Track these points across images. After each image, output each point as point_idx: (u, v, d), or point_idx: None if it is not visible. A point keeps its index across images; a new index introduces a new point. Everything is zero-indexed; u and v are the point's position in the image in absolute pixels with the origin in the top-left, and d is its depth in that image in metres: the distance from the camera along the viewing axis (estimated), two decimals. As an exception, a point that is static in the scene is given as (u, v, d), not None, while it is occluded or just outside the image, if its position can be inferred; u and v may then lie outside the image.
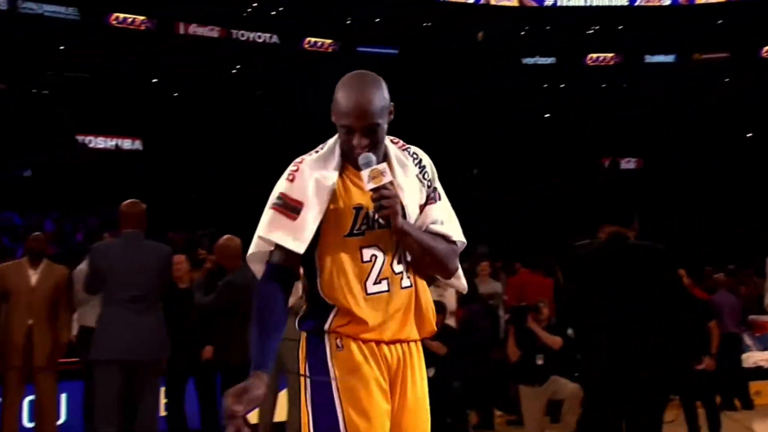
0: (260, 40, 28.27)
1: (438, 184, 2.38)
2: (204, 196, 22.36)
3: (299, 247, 2.18)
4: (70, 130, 24.77)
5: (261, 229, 2.22)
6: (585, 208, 16.12)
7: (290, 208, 2.19)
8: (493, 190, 24.74)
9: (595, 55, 30.81)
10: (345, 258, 2.21)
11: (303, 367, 2.27)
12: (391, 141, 2.34)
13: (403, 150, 2.34)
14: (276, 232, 2.19)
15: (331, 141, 2.31)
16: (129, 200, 5.14)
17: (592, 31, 30.75)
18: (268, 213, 2.22)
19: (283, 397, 6.90)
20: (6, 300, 5.85)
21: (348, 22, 28.76)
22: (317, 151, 2.30)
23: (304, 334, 2.29)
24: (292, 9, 27.26)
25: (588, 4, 29.56)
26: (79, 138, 25.35)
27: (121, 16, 26.16)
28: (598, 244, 4.59)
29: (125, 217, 5.06)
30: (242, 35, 28.16)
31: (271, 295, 2.21)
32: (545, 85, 30.59)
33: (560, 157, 26.67)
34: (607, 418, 4.36)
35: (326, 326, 2.22)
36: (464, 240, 2.37)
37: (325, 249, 2.22)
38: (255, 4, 28.04)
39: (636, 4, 29.37)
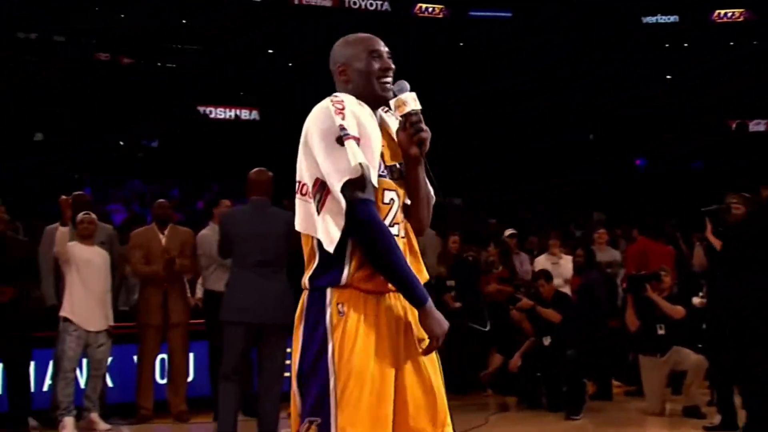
0: (372, 8, 28.30)
1: None
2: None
3: (374, 174, 2.20)
4: (192, 102, 25.70)
5: (351, 159, 2.13)
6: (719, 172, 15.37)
7: (353, 137, 2.17)
8: (611, 155, 23.95)
9: (722, 12, 29.04)
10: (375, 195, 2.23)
11: (299, 323, 2.22)
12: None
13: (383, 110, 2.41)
14: (360, 156, 2.15)
15: (341, 94, 2.31)
16: (257, 168, 5.19)
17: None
18: (346, 144, 2.15)
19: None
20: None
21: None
22: (333, 101, 2.27)
23: (306, 292, 2.24)
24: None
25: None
26: (201, 109, 26.27)
27: (239, -12, 26.72)
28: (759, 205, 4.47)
29: (253, 185, 5.14)
30: (354, 3, 28.25)
31: (382, 223, 2.20)
32: (667, 45, 29.14)
33: (685, 119, 25.43)
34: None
35: (343, 279, 2.17)
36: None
37: None
38: (367, -29, 28.02)
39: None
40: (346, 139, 2.15)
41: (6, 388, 5.97)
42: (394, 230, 2.24)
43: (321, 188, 2.18)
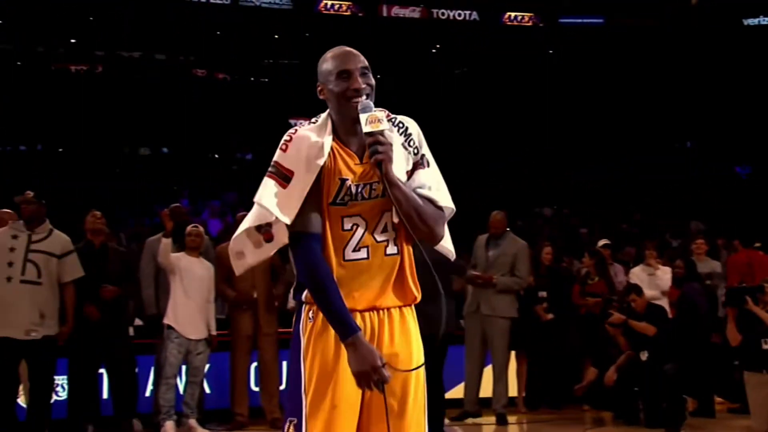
0: (460, 18, 28.26)
1: (426, 151, 2.41)
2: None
3: (286, 218, 2.27)
4: (283, 115, 26.28)
5: (257, 196, 2.31)
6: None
7: (281, 176, 2.29)
8: (709, 163, 23.08)
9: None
10: (327, 225, 2.30)
11: (292, 331, 2.37)
12: None
13: (389, 119, 2.36)
14: (269, 200, 2.27)
15: (323, 114, 2.39)
16: None
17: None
18: (264, 180, 2.32)
19: (488, 373, 6.91)
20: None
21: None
22: (311, 122, 2.39)
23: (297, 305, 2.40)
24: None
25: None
26: (293, 122, 26.82)
27: (329, 2, 27.25)
28: None
29: None
30: (442, 14, 28.29)
31: (321, 261, 2.29)
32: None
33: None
34: None
35: (304, 296, 2.32)
36: (453, 207, 2.40)
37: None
38: (456, -18, 28.01)
39: None
40: (268, 175, 2.32)
41: (110, 391, 6.21)
42: (360, 254, 2.30)
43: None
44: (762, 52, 27.28)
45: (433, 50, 29.07)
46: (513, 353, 7.13)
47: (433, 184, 2.38)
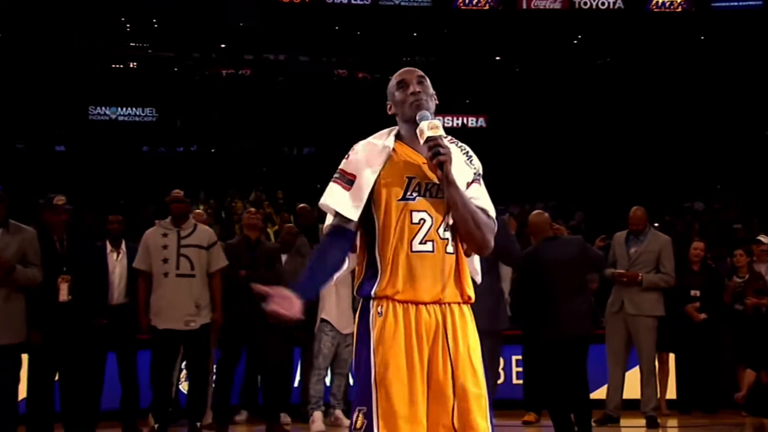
0: (603, 7, 27.32)
1: (481, 176, 2.64)
2: (544, 169, 22.33)
3: (351, 213, 2.52)
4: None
5: (322, 199, 2.57)
6: None
7: (345, 180, 2.55)
8: None
9: None
10: (396, 219, 2.50)
11: (356, 327, 2.56)
12: None
13: (452, 142, 2.60)
14: (332, 200, 2.54)
15: (386, 129, 2.65)
16: None
17: None
18: (329, 186, 2.57)
19: (634, 375, 6.69)
20: None
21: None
22: (373, 137, 2.64)
23: (360, 300, 2.58)
24: (638, -30, 25.90)
25: None
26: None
27: (465, -3, 27.10)
28: None
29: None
30: (585, 3, 27.45)
31: (328, 244, 2.57)
32: None
33: None
34: None
35: (374, 290, 2.50)
36: (496, 222, 2.61)
37: (381, 211, 2.52)
38: (598, -29, 27.12)
39: None
40: (333, 180, 2.58)
41: (261, 383, 6.47)
42: (426, 246, 2.50)
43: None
44: None
45: (575, 41, 28.29)
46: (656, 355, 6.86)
47: (485, 199, 2.61)
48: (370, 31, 26.87)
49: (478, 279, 2.67)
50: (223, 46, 27.70)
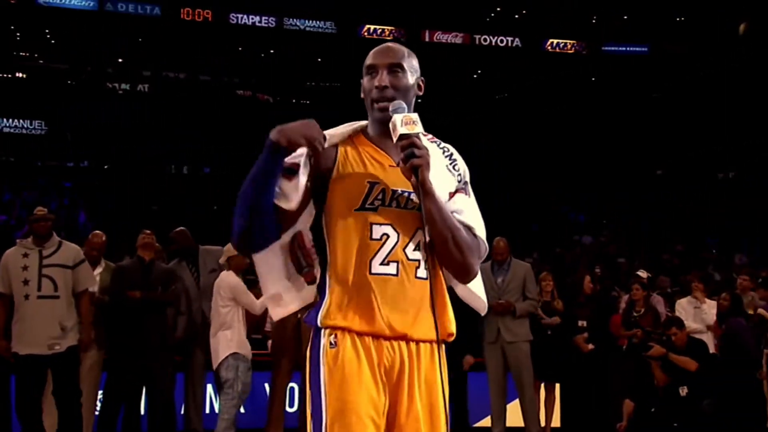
0: (502, 44, 28.30)
1: (468, 184, 2.17)
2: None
3: (286, 203, 2.02)
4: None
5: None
6: None
7: (287, 170, 2.04)
8: (752, 194, 22.63)
9: None
10: (352, 232, 2.01)
11: (308, 363, 2.06)
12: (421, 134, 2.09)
13: (432, 141, 2.16)
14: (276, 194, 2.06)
15: (355, 122, 2.20)
16: None
17: None
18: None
19: (517, 403, 6.81)
20: None
21: (594, 20, 27.84)
22: (337, 128, 2.17)
23: (312, 329, 2.08)
24: (535, 11, 26.98)
25: None
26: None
27: (372, 27, 27.51)
28: None
29: None
30: (484, 40, 28.36)
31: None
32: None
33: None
34: None
35: (319, 317, 2.01)
36: (487, 246, 2.12)
37: (332, 222, 2.04)
38: (498, 9, 28.11)
39: None
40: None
41: (147, 409, 6.24)
42: (389, 268, 2.00)
43: None
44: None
45: (475, 75, 29.12)
46: (542, 384, 7.04)
47: (472, 213, 2.12)
48: (274, 53, 26.80)
49: (483, 309, 2.22)
50: (120, 60, 26.99)
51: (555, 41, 27.95)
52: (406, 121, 1.98)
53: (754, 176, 24.01)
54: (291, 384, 6.60)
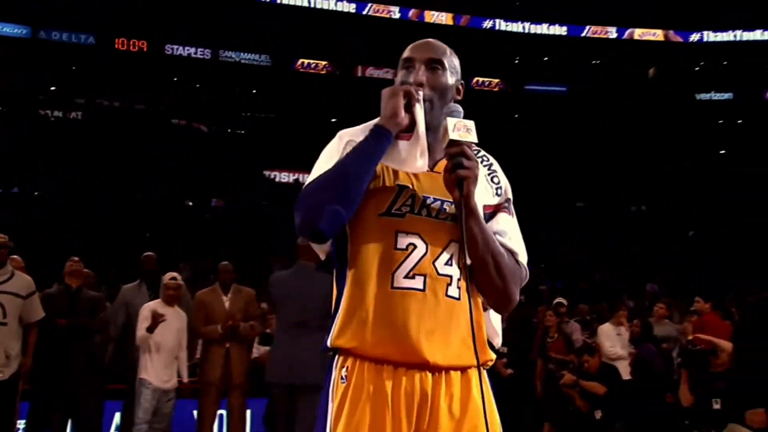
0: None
1: (511, 201, 1.93)
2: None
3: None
4: (258, 166, 26.32)
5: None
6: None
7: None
8: (663, 226, 23.48)
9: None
10: (375, 240, 1.72)
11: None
12: None
13: (474, 151, 1.81)
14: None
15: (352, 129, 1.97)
16: None
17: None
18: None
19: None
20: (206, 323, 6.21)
21: (516, 61, 28.62)
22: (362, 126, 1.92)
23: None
24: (464, 50, 27.53)
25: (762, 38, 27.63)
26: (266, 173, 26.84)
27: (307, 61, 27.60)
28: None
29: (300, 249, 5.25)
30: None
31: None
32: (720, 121, 28.79)
33: (736, 194, 24.89)
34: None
35: (333, 332, 1.73)
36: (528, 272, 1.86)
37: (355, 226, 1.75)
38: (427, 48, 28.56)
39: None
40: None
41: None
42: (414, 283, 1.70)
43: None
44: (711, 124, 28.12)
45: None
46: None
47: (515, 236, 1.86)
48: (209, 84, 26.56)
49: (497, 342, 1.97)
50: (53, 88, 26.29)
51: (481, 79, 28.56)
52: (459, 127, 1.71)
53: (663, 210, 24.93)
54: (220, 411, 6.46)
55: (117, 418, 6.61)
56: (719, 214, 23.47)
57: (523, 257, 1.84)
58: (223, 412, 6.45)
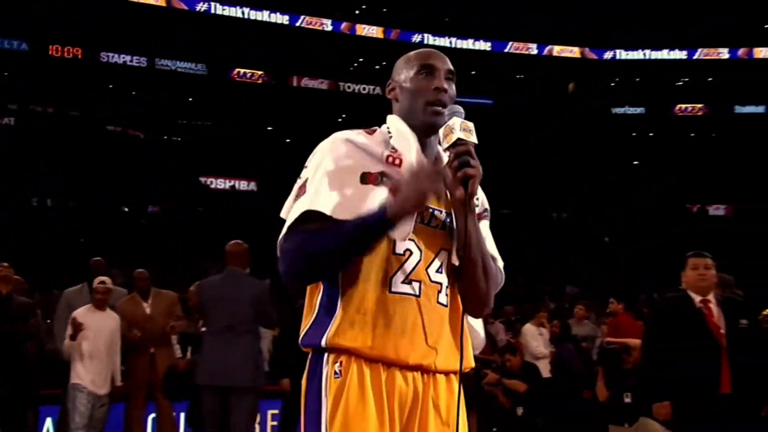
0: (365, 92, 28.85)
1: (489, 211, 1.95)
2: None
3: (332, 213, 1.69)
4: (194, 172, 25.87)
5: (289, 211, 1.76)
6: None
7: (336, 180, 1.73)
8: (581, 233, 24.12)
9: (683, 106, 29.87)
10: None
11: (303, 392, 1.73)
12: None
13: None
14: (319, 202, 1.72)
15: (362, 130, 1.88)
16: (233, 241, 5.32)
17: (681, 83, 29.89)
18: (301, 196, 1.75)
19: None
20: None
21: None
22: (369, 132, 1.85)
23: (308, 353, 1.74)
24: (393, 63, 27.71)
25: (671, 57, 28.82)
26: (202, 179, 26.39)
27: (242, 70, 27.31)
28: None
29: (229, 255, 5.24)
30: (348, 87, 28.81)
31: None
32: (634, 134, 29.84)
33: (647, 203, 25.79)
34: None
35: (325, 336, 1.67)
36: (504, 278, 1.88)
37: None
38: (361, 59, 28.70)
39: (737, 56, 28.66)
40: (300, 194, 1.73)
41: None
42: (410, 288, 1.68)
43: (299, 191, 1.76)
44: (625, 136, 29.13)
45: (340, 120, 29.45)
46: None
47: (492, 244, 1.88)
48: (145, 91, 25.98)
49: (481, 346, 1.97)
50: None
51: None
52: (464, 127, 1.70)
53: (583, 217, 25.63)
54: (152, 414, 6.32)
55: (48, 423, 6.38)
56: (634, 221, 24.30)
57: (501, 263, 1.87)
58: (154, 414, 6.33)
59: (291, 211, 1.72)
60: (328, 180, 1.70)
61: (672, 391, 4.34)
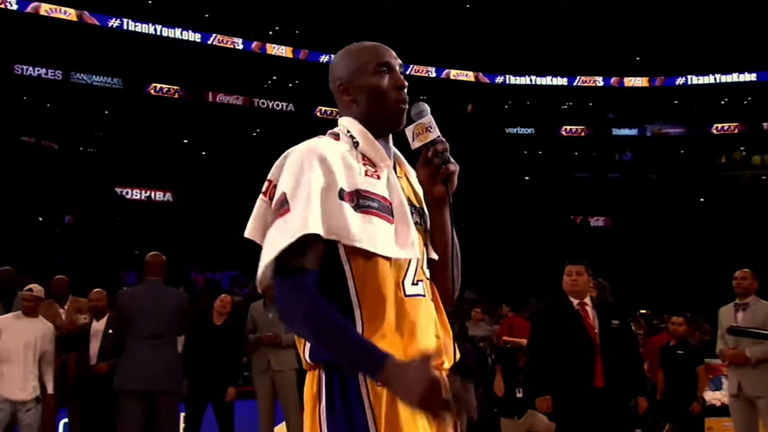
0: (278, 108, 28.62)
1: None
2: (226, 242, 22.25)
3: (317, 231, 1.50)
4: (110, 183, 24.90)
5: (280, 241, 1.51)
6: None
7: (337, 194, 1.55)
8: (478, 241, 24.72)
9: (568, 128, 31.26)
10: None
11: (316, 412, 1.50)
12: None
13: None
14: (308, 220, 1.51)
15: (320, 137, 1.71)
16: (152, 252, 5.25)
17: (566, 106, 31.27)
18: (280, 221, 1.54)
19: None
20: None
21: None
22: (334, 138, 1.69)
23: (317, 368, 1.53)
24: (307, 81, 27.66)
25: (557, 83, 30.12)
26: (118, 190, 25.43)
27: (159, 85, 26.55)
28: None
29: (148, 266, 5.19)
30: (262, 103, 28.51)
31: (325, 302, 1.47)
32: (525, 152, 30.95)
33: (537, 214, 26.75)
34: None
35: None
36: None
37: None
38: (274, 77, 28.47)
39: (610, 84, 30.24)
40: (282, 212, 1.51)
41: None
42: (418, 289, 1.56)
43: (280, 206, 1.53)
44: (518, 154, 30.16)
45: (254, 134, 29.09)
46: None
47: None
48: (60, 104, 24.83)
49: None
50: None
51: (324, 108, 28.82)
52: (435, 125, 1.63)
53: (479, 227, 26.30)
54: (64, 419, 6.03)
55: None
56: (526, 232, 25.13)
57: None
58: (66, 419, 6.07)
59: (278, 230, 1.49)
60: (312, 198, 1.50)
61: (553, 385, 4.52)
